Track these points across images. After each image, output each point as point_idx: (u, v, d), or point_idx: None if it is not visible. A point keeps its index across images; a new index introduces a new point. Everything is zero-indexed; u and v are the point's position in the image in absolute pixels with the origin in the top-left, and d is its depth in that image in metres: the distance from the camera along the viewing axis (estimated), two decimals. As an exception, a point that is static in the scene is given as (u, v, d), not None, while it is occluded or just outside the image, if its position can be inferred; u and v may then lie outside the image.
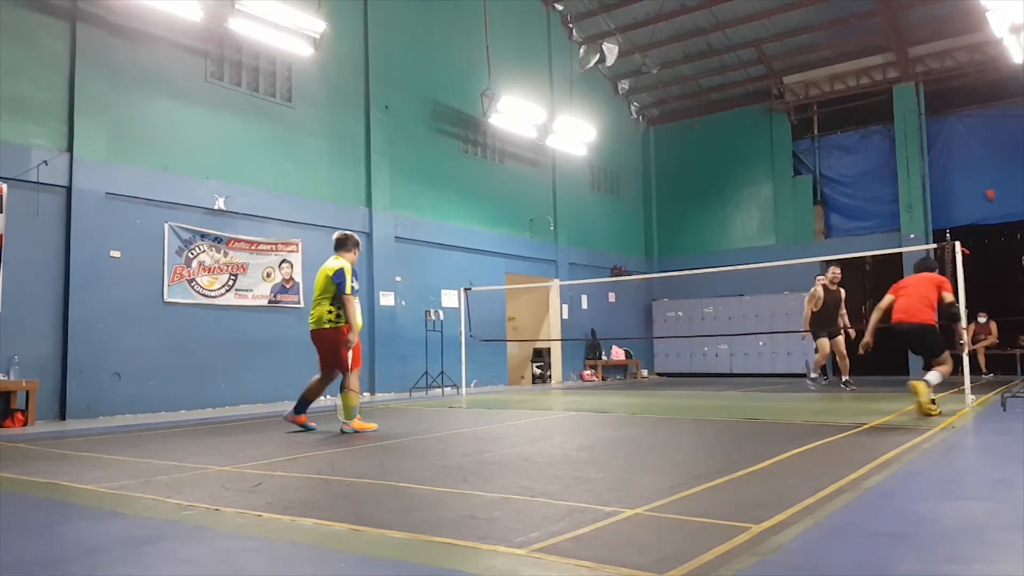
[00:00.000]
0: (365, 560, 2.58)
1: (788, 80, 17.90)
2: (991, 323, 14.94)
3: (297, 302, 11.06)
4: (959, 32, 15.41)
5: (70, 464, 4.96)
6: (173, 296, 9.59)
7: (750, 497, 3.43)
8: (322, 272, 6.66)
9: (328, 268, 6.60)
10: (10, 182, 8.16)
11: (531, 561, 2.45)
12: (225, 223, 10.28)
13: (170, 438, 6.52)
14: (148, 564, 2.59)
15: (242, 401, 10.20)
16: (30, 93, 8.51)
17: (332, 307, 6.51)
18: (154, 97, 9.62)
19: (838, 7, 15.48)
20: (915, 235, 15.97)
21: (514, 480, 4.00)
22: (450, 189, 14.01)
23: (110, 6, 9.01)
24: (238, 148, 10.57)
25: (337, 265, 6.54)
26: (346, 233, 6.90)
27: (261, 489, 3.87)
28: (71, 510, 3.51)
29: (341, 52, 12.02)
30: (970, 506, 3.26)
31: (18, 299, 8.15)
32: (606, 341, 17.45)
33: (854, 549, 2.56)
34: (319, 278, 6.66)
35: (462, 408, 9.26)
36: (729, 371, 17.82)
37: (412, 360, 12.63)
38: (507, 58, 14.94)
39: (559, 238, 16.66)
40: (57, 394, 8.50)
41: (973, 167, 15.99)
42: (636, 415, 7.85)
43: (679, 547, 2.57)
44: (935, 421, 6.35)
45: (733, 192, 19.09)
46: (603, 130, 16.90)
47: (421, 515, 3.17)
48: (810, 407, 8.48)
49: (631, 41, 17.14)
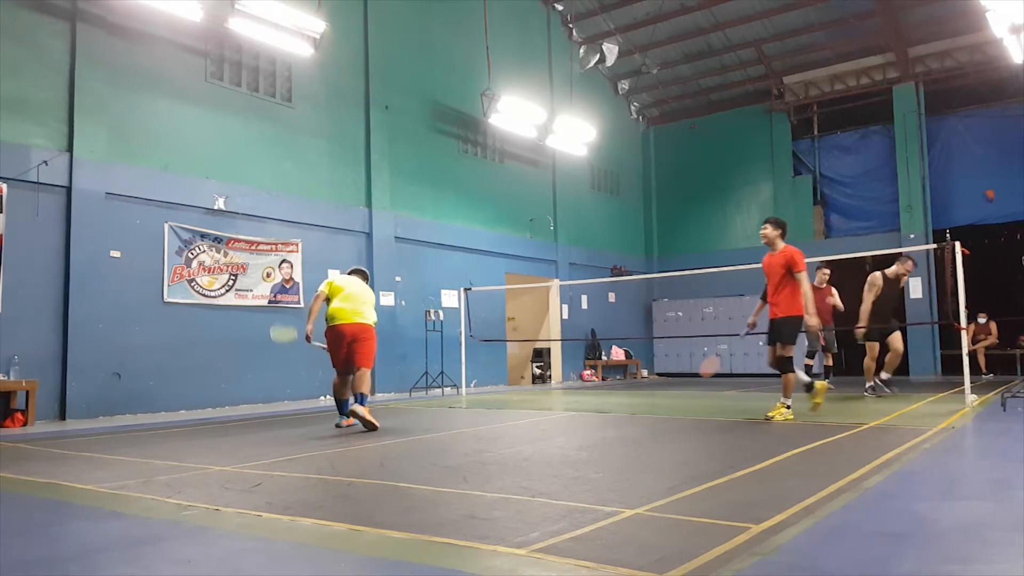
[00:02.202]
0: (365, 560, 2.58)
1: (788, 80, 17.90)
2: (991, 323, 14.95)
3: (297, 302, 11.06)
4: (959, 32, 15.41)
5: (70, 464, 4.96)
6: (173, 296, 9.58)
7: (750, 497, 3.42)
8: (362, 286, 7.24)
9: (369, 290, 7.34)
10: (10, 182, 8.17)
11: (531, 561, 2.45)
12: (225, 223, 10.28)
13: (170, 438, 6.52)
14: (148, 564, 2.59)
15: (242, 401, 10.20)
16: (30, 93, 8.51)
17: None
18: (154, 97, 9.62)
19: (838, 7, 15.48)
20: (915, 235, 15.97)
21: (514, 480, 4.00)
22: (450, 189, 14.01)
23: (110, 6, 9.01)
24: (238, 148, 10.57)
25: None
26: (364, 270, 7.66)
27: (261, 489, 3.87)
28: (71, 510, 3.51)
29: (341, 52, 12.02)
30: (970, 506, 3.26)
31: (18, 299, 8.16)
32: (606, 341, 17.44)
33: (854, 549, 2.56)
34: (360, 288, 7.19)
35: (462, 408, 9.25)
36: (729, 371, 17.82)
37: (412, 360, 12.64)
38: (507, 58, 14.94)
39: (559, 238, 16.66)
40: (57, 394, 8.49)
41: (973, 167, 15.99)
42: (636, 415, 7.85)
43: (679, 547, 2.57)
44: (935, 421, 6.35)
45: (733, 192, 19.09)
46: (603, 130, 16.90)
47: (421, 515, 3.17)
48: (810, 407, 8.46)
49: (631, 41, 17.14)
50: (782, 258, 6.88)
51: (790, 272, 6.80)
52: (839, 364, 17.10)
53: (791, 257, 6.81)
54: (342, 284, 7.11)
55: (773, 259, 6.99)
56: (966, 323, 7.89)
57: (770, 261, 7.03)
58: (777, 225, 7.06)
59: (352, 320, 6.97)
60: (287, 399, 10.81)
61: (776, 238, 7.01)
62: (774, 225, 7.05)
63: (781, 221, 7.14)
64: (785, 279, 6.84)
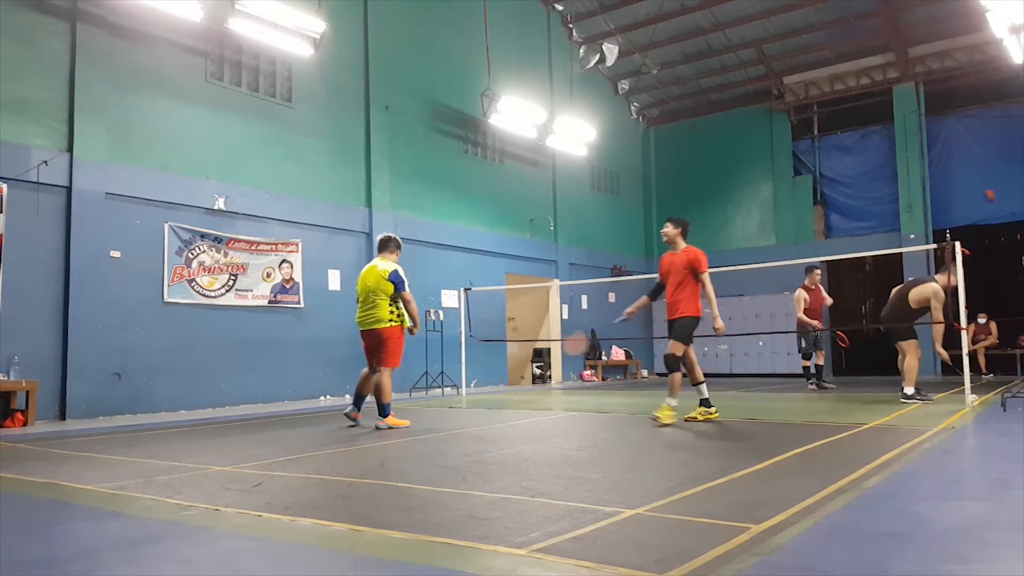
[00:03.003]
0: (365, 560, 2.58)
1: (788, 80, 17.90)
2: (991, 323, 14.95)
3: (297, 302, 11.07)
4: (959, 32, 15.41)
5: (70, 464, 4.96)
6: (173, 296, 9.58)
7: (750, 497, 3.42)
8: (371, 274, 6.98)
9: (381, 270, 6.93)
10: (10, 182, 8.16)
11: (531, 561, 2.45)
12: (225, 223, 10.28)
13: (170, 438, 6.52)
14: (148, 564, 2.59)
15: (242, 401, 10.20)
16: (30, 93, 8.51)
17: (392, 307, 6.89)
18: (154, 97, 9.62)
19: (838, 7, 15.48)
20: (915, 235, 15.97)
21: (514, 480, 4.00)
22: (450, 189, 14.01)
23: (110, 6, 9.01)
24: (238, 148, 10.57)
25: (390, 267, 6.93)
26: (388, 235, 7.27)
27: (261, 489, 3.86)
28: (71, 510, 3.51)
29: (341, 52, 12.02)
30: (970, 506, 3.26)
31: (18, 299, 8.15)
32: (606, 341, 17.44)
33: (854, 549, 2.56)
34: (368, 280, 6.96)
35: (462, 408, 9.25)
36: (729, 371, 17.82)
37: (412, 360, 12.61)
38: (507, 58, 14.94)
39: (559, 238, 16.66)
40: (57, 394, 8.49)
41: (973, 167, 15.99)
42: (636, 415, 7.85)
43: (679, 547, 2.57)
44: (935, 421, 6.35)
45: (733, 192, 19.09)
46: (603, 130, 16.89)
47: (421, 515, 3.17)
48: (810, 407, 8.48)
49: (631, 41, 17.14)
50: (684, 258, 6.81)
51: (693, 273, 6.73)
52: (837, 364, 17.10)
53: (695, 257, 6.74)
54: (359, 279, 7.08)
55: (675, 258, 6.91)
56: (966, 323, 7.88)
57: (671, 260, 6.95)
58: (677, 224, 6.99)
59: (363, 326, 6.99)
60: (287, 399, 10.81)
61: (676, 236, 6.95)
62: (674, 224, 6.99)
63: (682, 220, 7.07)
64: (687, 279, 6.76)
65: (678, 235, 6.97)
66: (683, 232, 7.00)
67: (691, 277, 6.76)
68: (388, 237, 7.22)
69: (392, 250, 7.14)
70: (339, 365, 11.47)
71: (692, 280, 6.77)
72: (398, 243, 7.23)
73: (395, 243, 7.20)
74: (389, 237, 7.22)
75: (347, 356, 11.69)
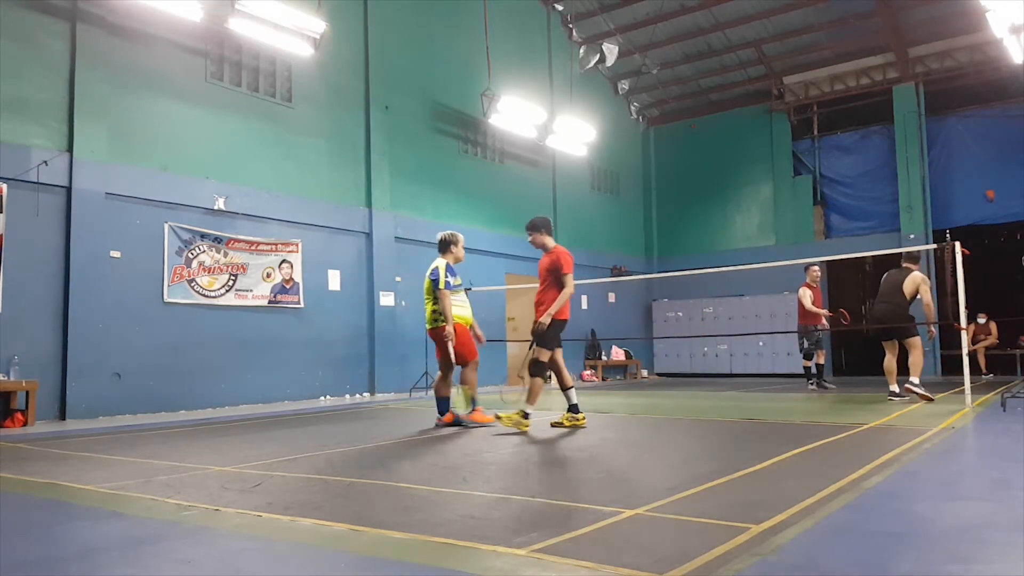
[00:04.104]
0: (365, 560, 2.58)
1: (788, 80, 17.90)
2: (991, 323, 14.95)
3: (297, 302, 11.06)
4: (959, 32, 15.40)
5: (70, 464, 4.96)
6: (173, 296, 9.58)
7: (750, 497, 3.42)
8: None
9: (429, 269, 7.01)
10: (10, 182, 8.17)
11: (531, 561, 2.45)
12: (225, 223, 10.28)
13: (170, 438, 6.52)
14: (148, 564, 2.59)
15: (242, 401, 10.20)
16: (30, 93, 8.51)
17: (435, 306, 6.87)
18: (154, 97, 9.62)
19: (838, 7, 15.48)
20: (915, 235, 15.97)
21: (514, 480, 4.00)
22: (450, 189, 14.01)
23: (110, 6, 9.01)
24: (238, 148, 10.57)
25: (433, 265, 6.98)
26: (443, 235, 7.22)
27: (261, 489, 3.87)
28: (71, 510, 3.51)
29: (341, 52, 12.02)
30: (970, 506, 3.26)
31: (18, 299, 8.16)
32: (606, 341, 17.44)
33: (854, 549, 2.56)
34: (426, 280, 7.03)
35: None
36: (729, 371, 17.81)
37: (412, 360, 12.62)
38: (507, 58, 14.93)
39: (559, 238, 16.54)
40: (57, 394, 8.49)
41: (973, 167, 15.98)
42: (636, 415, 7.85)
43: (679, 547, 2.57)
44: (935, 421, 6.35)
45: (733, 192, 19.08)
46: (603, 130, 16.89)
47: (421, 515, 3.17)
48: (810, 407, 8.48)
49: (631, 41, 17.14)
50: (548, 260, 6.54)
51: (555, 274, 6.40)
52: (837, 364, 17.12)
53: (556, 259, 6.43)
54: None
55: (542, 260, 6.68)
56: (966, 323, 7.88)
57: (541, 262, 6.72)
58: (531, 228, 6.67)
59: (427, 326, 6.99)
60: (287, 399, 10.81)
61: (540, 239, 6.64)
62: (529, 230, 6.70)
63: (535, 222, 6.70)
64: (552, 281, 6.44)
65: (540, 236, 6.65)
66: (545, 232, 6.66)
67: (556, 279, 6.42)
68: (440, 238, 7.15)
69: (444, 250, 7.08)
70: (339, 365, 11.47)
71: (557, 282, 6.42)
72: (454, 240, 7.10)
73: (444, 242, 7.10)
74: (440, 237, 7.14)
75: (347, 356, 11.71)
